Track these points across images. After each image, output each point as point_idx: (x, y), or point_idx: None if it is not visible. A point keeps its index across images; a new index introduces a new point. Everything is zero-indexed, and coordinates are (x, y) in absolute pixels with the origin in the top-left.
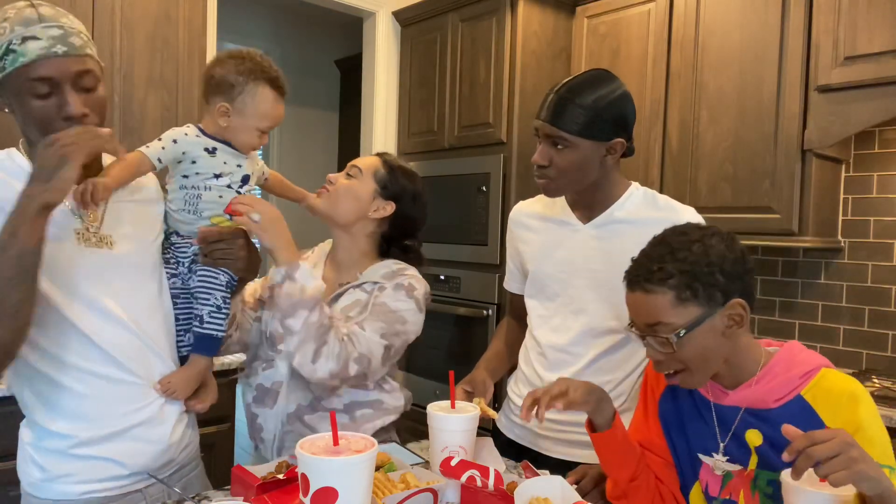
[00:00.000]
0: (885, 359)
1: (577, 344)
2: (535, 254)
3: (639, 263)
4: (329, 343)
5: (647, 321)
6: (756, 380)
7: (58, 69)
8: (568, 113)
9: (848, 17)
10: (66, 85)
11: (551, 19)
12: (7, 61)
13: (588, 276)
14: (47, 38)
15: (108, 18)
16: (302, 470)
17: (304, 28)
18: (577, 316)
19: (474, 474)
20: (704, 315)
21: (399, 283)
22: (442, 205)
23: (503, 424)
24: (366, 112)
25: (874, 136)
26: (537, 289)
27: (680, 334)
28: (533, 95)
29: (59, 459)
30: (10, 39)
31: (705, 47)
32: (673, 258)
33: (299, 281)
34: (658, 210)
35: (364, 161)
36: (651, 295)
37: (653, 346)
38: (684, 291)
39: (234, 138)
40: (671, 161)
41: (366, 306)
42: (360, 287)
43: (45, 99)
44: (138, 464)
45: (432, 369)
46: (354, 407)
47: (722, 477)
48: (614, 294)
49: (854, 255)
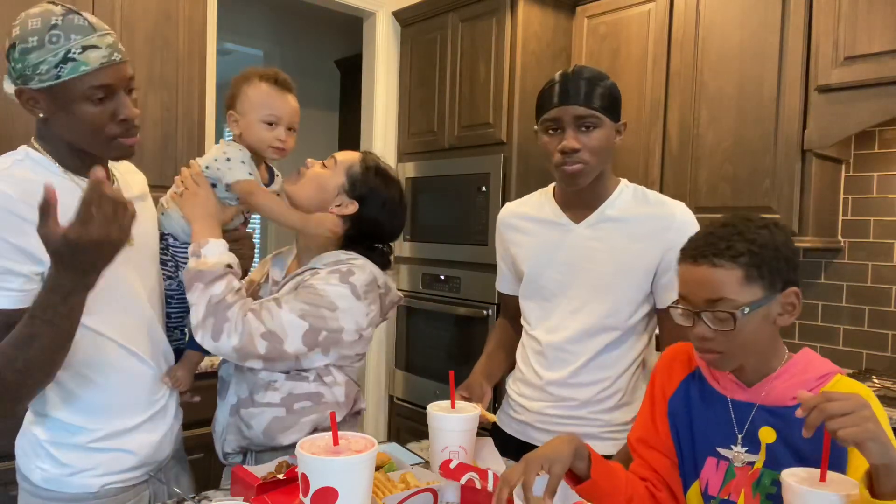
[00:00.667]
0: (885, 359)
1: (575, 342)
2: (529, 255)
3: (704, 240)
4: (231, 319)
5: (709, 296)
6: (774, 377)
7: (116, 76)
8: (595, 92)
9: (848, 18)
10: (120, 90)
11: (551, 19)
12: (66, 69)
13: (584, 275)
14: (105, 46)
15: (108, 18)
16: (302, 470)
17: (304, 28)
18: (574, 315)
19: (473, 477)
20: (766, 298)
21: (336, 269)
22: (442, 205)
23: (502, 420)
24: (366, 112)
25: (874, 136)
26: (533, 290)
27: (745, 311)
28: (533, 95)
29: (82, 453)
30: (70, 48)
31: (705, 47)
32: (742, 238)
33: (203, 256)
34: (649, 205)
35: (344, 154)
36: (719, 269)
37: (705, 323)
38: (752, 271)
39: (249, 141)
40: (671, 161)
41: (296, 288)
42: (302, 274)
43: (100, 104)
44: (147, 454)
45: (432, 369)
46: (292, 400)
47: (724, 475)
48: (611, 292)
49: (854, 255)
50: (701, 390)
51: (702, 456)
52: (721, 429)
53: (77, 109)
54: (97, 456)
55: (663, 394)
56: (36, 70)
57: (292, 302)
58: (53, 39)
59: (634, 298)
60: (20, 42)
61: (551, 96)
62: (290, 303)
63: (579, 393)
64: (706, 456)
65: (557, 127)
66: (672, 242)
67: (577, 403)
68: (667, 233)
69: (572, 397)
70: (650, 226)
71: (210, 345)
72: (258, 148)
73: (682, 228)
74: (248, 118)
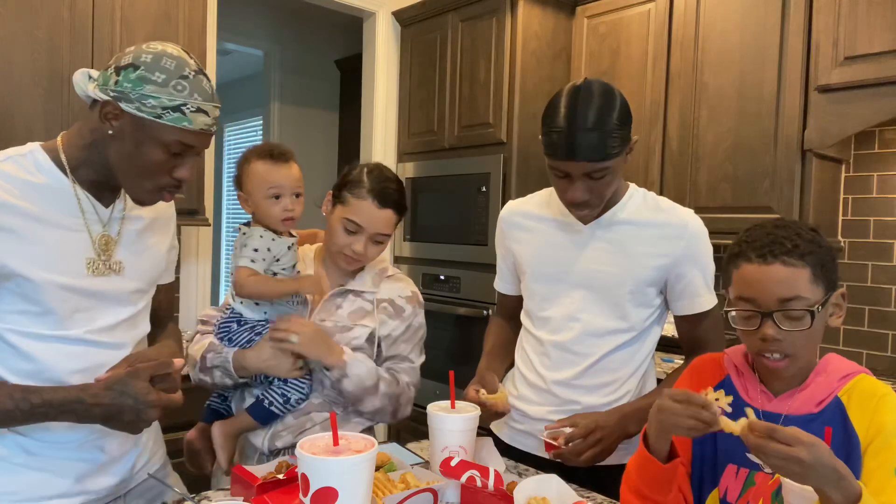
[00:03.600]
0: (885, 359)
1: (581, 343)
2: (533, 254)
3: (767, 240)
4: (402, 403)
5: (783, 295)
6: (802, 387)
7: (202, 143)
8: (603, 144)
9: (848, 18)
10: (195, 156)
11: (551, 19)
12: (171, 116)
13: (590, 276)
14: (213, 117)
15: (108, 18)
16: (302, 470)
17: (304, 28)
18: (580, 315)
19: (474, 474)
20: (826, 297)
21: (409, 297)
22: (442, 205)
23: (502, 431)
24: (366, 112)
25: (874, 136)
26: (537, 289)
27: (819, 309)
28: (533, 95)
29: None
30: (186, 102)
31: (705, 47)
32: (801, 238)
33: (353, 374)
34: (661, 212)
35: (387, 224)
36: (791, 268)
37: (777, 324)
38: (818, 269)
39: (261, 218)
40: (671, 161)
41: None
42: (361, 296)
43: (171, 156)
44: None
45: (432, 369)
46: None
47: (743, 483)
48: (616, 295)
49: (854, 255)
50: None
51: (722, 464)
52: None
53: (149, 148)
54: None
55: None
56: (143, 99)
57: (411, 348)
58: (178, 88)
59: (640, 302)
60: (145, 70)
61: (558, 143)
62: (411, 350)
63: (584, 397)
64: (727, 463)
65: (565, 175)
66: (684, 251)
67: (581, 408)
68: (678, 241)
69: (576, 401)
70: (661, 232)
71: (388, 421)
72: (271, 224)
73: (694, 238)
74: (255, 197)
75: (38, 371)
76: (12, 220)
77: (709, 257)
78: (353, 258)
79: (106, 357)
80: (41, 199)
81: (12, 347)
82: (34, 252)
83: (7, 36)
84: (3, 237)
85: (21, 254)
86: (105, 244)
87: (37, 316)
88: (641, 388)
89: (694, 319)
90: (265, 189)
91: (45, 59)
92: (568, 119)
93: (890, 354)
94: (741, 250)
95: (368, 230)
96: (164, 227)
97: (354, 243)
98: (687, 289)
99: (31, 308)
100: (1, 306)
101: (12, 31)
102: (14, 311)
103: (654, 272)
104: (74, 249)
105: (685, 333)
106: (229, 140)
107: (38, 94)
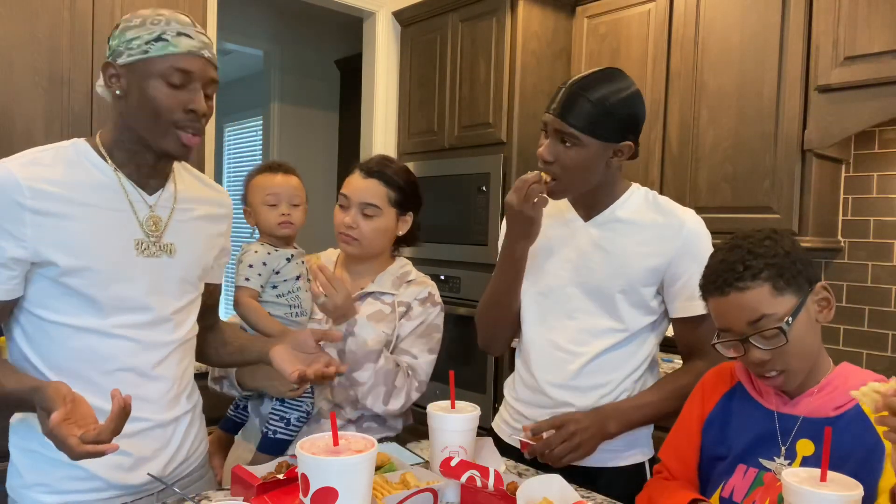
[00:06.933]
0: (885, 359)
1: (576, 342)
2: (532, 250)
3: (719, 270)
4: (398, 385)
5: (749, 319)
6: (818, 388)
7: (199, 68)
8: (577, 107)
9: (848, 18)
10: (198, 83)
11: (551, 19)
12: (155, 47)
13: (586, 273)
14: (199, 40)
15: (109, 18)
16: (302, 470)
17: (304, 28)
18: (574, 314)
19: (474, 474)
20: (801, 302)
21: (424, 298)
22: (442, 205)
23: (501, 428)
24: (366, 112)
25: (874, 136)
26: (532, 283)
27: (789, 322)
28: (533, 95)
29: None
30: (165, 30)
31: (705, 47)
32: (753, 256)
33: (359, 335)
34: (661, 214)
35: (372, 193)
36: (748, 292)
37: (758, 346)
38: (778, 281)
39: (261, 226)
40: (671, 161)
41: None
42: (380, 298)
43: (174, 89)
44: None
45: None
46: (362, 420)
47: (750, 483)
48: (612, 293)
49: (854, 255)
50: (742, 403)
51: (733, 464)
52: (763, 441)
53: (151, 87)
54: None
55: (700, 415)
56: (128, 45)
57: (420, 345)
58: (154, 22)
59: (634, 303)
60: (124, 23)
61: (553, 96)
62: (419, 346)
63: (578, 399)
64: (737, 464)
65: (544, 128)
66: (680, 250)
67: (575, 410)
68: (675, 240)
69: (570, 402)
70: (659, 231)
71: (380, 409)
72: (269, 230)
73: (690, 237)
74: (255, 206)
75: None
76: (57, 207)
77: (707, 258)
78: (348, 235)
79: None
80: (85, 186)
81: (50, 338)
82: (79, 239)
83: (7, 36)
84: (48, 224)
85: (65, 241)
86: (154, 224)
87: (79, 306)
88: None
89: (691, 323)
90: (263, 196)
91: (45, 60)
92: (577, 80)
93: (890, 354)
94: (703, 285)
95: (354, 199)
96: (216, 221)
97: (345, 217)
98: (683, 290)
99: (73, 298)
100: (42, 294)
101: (12, 32)
102: (53, 298)
103: (648, 272)
104: (122, 232)
105: (682, 338)
106: (229, 140)
107: (38, 95)
